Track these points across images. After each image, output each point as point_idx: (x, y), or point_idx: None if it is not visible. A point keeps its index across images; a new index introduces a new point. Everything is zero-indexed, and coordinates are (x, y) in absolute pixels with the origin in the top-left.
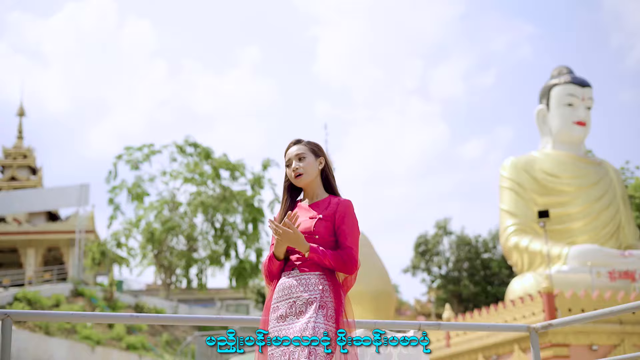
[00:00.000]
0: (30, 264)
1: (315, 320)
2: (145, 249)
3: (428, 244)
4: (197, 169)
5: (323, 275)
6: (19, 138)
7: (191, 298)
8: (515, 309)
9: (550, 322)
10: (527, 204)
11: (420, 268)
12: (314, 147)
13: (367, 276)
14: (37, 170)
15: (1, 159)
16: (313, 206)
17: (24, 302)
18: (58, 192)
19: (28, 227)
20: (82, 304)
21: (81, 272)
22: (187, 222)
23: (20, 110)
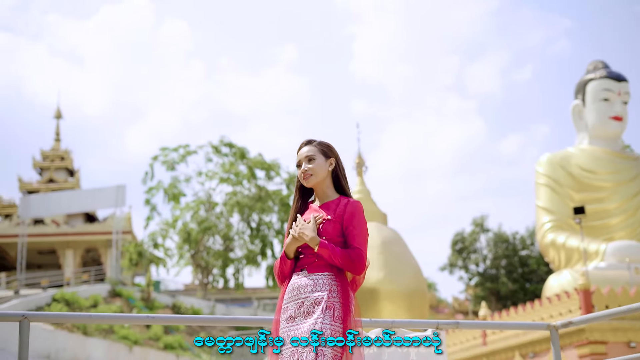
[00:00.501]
0: (69, 265)
1: (322, 321)
2: (182, 249)
3: (465, 241)
4: (233, 169)
5: (331, 275)
6: (57, 140)
7: (228, 298)
8: (551, 306)
9: (571, 320)
10: (563, 200)
11: (458, 266)
12: (325, 148)
13: (400, 275)
14: (74, 172)
15: (39, 162)
16: (323, 207)
17: (62, 303)
18: (95, 194)
19: (66, 228)
20: (120, 304)
21: (119, 273)
22: (224, 222)
23: (57, 113)
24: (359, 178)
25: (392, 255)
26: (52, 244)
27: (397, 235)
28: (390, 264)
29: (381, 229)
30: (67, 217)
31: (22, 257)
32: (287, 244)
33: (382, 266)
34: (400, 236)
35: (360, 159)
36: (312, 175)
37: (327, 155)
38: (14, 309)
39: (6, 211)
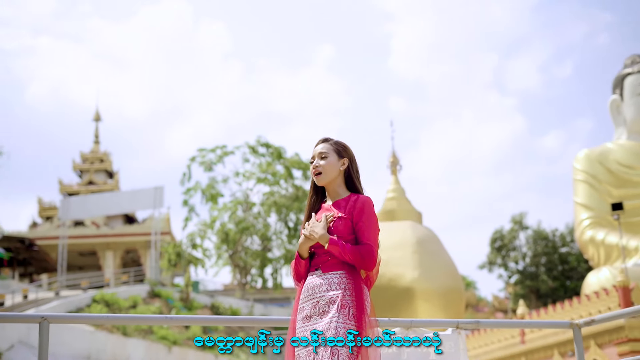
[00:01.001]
0: (109, 266)
1: (337, 320)
2: (220, 250)
3: (504, 239)
4: (270, 169)
5: (345, 273)
6: (96, 143)
7: (266, 297)
8: (590, 304)
9: (593, 318)
10: (601, 196)
11: (497, 264)
12: (340, 148)
13: (436, 273)
14: (113, 174)
15: (79, 164)
16: (334, 205)
17: (102, 304)
18: (133, 195)
19: (106, 230)
20: (159, 305)
21: (158, 274)
22: (261, 222)
23: (96, 116)
24: (394, 177)
25: (427, 254)
26: (93, 246)
27: (432, 233)
28: (425, 262)
29: (416, 227)
30: (106, 218)
31: (62, 258)
32: (300, 244)
33: (417, 265)
34: (435, 234)
35: (395, 158)
36: (322, 173)
37: (341, 155)
38: (54, 310)
39: (47, 213)
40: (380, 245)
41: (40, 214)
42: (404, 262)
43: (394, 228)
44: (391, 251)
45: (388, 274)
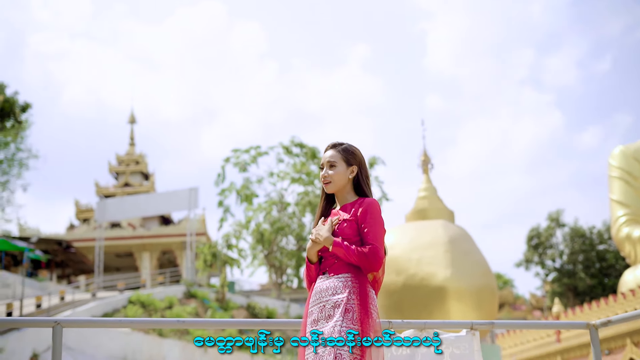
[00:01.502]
0: (146, 267)
1: (341, 324)
2: (255, 250)
3: (540, 236)
4: (304, 169)
5: (350, 276)
6: (131, 145)
7: (302, 297)
8: (626, 302)
9: (610, 318)
10: (637, 193)
11: (534, 262)
12: (349, 155)
13: (468, 272)
14: (149, 176)
15: (115, 166)
16: (342, 209)
17: (138, 305)
18: (169, 197)
19: (142, 231)
20: (195, 305)
21: (194, 274)
22: (296, 222)
23: (131, 118)
24: (425, 176)
25: (459, 253)
26: (129, 247)
27: (465, 232)
28: (458, 261)
29: (448, 226)
30: (143, 220)
31: (99, 260)
32: (308, 249)
33: (449, 264)
34: (467, 233)
35: (426, 157)
36: (331, 182)
37: (350, 163)
38: (91, 311)
39: (84, 216)
40: (412, 245)
41: (78, 216)
42: (436, 261)
43: (425, 227)
44: (423, 250)
45: (420, 274)
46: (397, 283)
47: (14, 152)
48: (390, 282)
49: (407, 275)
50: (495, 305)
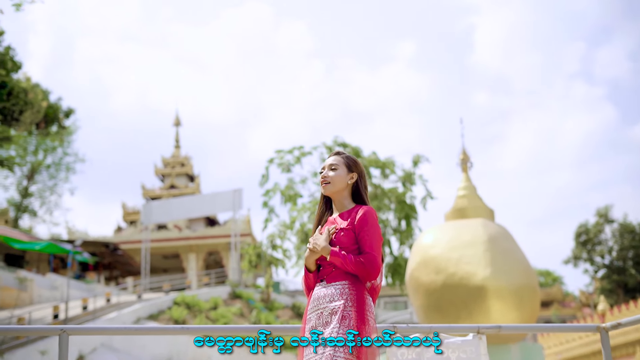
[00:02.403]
0: (192, 268)
1: (337, 332)
2: (300, 250)
3: (589, 233)
4: None
5: (347, 284)
6: (176, 147)
7: None
8: None
9: (619, 321)
10: None
11: (582, 258)
12: (350, 162)
13: (508, 271)
14: (194, 178)
15: (160, 169)
16: (339, 217)
17: (183, 306)
18: (213, 198)
19: (188, 233)
20: (240, 306)
21: (239, 275)
22: None
23: (176, 120)
24: (464, 174)
25: (499, 252)
26: (175, 249)
27: (505, 230)
28: (498, 260)
29: (487, 225)
30: (189, 221)
31: (145, 262)
32: (306, 257)
33: (488, 263)
34: (508, 231)
35: (465, 155)
36: (330, 183)
37: (351, 169)
38: (136, 313)
39: (131, 218)
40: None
41: (125, 219)
42: (475, 260)
43: (464, 226)
44: (462, 249)
45: (459, 273)
46: (437, 282)
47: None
48: (430, 281)
49: (447, 275)
50: (537, 304)
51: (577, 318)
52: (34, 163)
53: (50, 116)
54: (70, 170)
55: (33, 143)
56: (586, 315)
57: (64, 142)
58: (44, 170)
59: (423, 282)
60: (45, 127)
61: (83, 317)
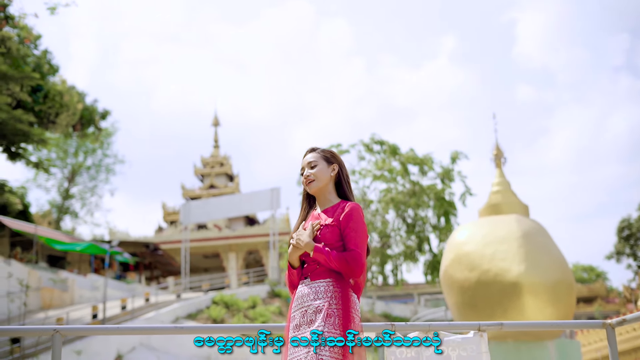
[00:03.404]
0: (232, 267)
1: (322, 329)
2: None
3: (632, 227)
4: (386, 166)
5: (332, 282)
6: (215, 147)
7: (388, 294)
8: None
9: (625, 317)
10: None
11: (625, 253)
12: (328, 155)
13: (543, 267)
14: (233, 177)
15: (200, 169)
16: (323, 212)
17: (221, 305)
18: (251, 197)
19: (227, 232)
20: (278, 304)
21: (278, 274)
22: (379, 219)
23: (215, 120)
24: (498, 170)
25: (534, 247)
26: (215, 248)
27: (539, 226)
28: (532, 256)
29: (522, 220)
30: (228, 221)
31: (185, 261)
32: (289, 253)
33: (523, 259)
34: (543, 227)
35: (499, 150)
36: (314, 180)
37: (330, 162)
38: (175, 313)
39: (171, 218)
40: (485, 240)
41: (165, 219)
42: (510, 256)
43: (498, 222)
44: (496, 245)
45: (494, 269)
46: (471, 279)
47: (101, 158)
48: (464, 278)
49: (481, 271)
50: (573, 301)
51: (621, 314)
52: (75, 165)
53: (86, 118)
54: (110, 172)
55: (73, 145)
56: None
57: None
58: (85, 171)
59: (457, 279)
60: (81, 129)
61: (121, 316)
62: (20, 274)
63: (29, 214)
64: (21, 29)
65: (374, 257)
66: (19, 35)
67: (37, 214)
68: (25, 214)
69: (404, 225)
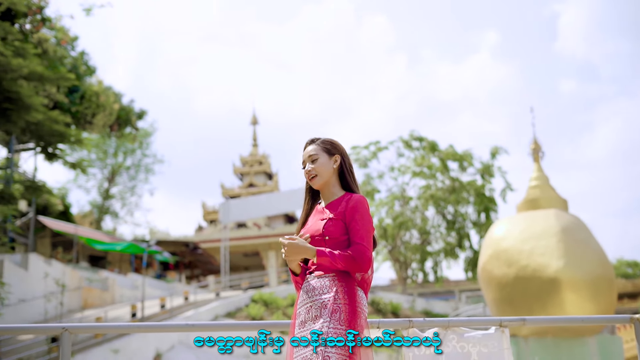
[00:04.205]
0: (272, 265)
1: (328, 325)
2: (379, 245)
3: None
4: (425, 162)
5: (336, 277)
6: (254, 146)
7: (428, 291)
8: None
9: None
10: None
11: None
12: (328, 146)
13: (582, 262)
14: (272, 176)
15: (239, 167)
16: (328, 207)
17: (260, 303)
18: (289, 195)
19: (267, 230)
20: None
21: None
22: (419, 216)
23: (253, 119)
24: (536, 164)
25: (573, 242)
26: (255, 247)
27: (579, 221)
28: (572, 251)
29: (560, 215)
30: (268, 219)
31: (225, 260)
32: (289, 263)
33: (562, 254)
34: (582, 222)
35: (537, 145)
36: (317, 175)
37: (331, 153)
38: (214, 311)
39: (211, 217)
40: (523, 235)
41: (205, 218)
42: (549, 251)
43: (537, 217)
44: (535, 241)
45: (532, 265)
46: (509, 275)
47: (140, 158)
48: (502, 274)
49: (519, 267)
50: (614, 296)
51: None
52: (114, 165)
53: (123, 118)
54: (150, 172)
55: (113, 146)
56: None
57: (142, 144)
58: (124, 172)
59: (495, 275)
60: (118, 129)
61: (160, 315)
62: (60, 274)
63: (70, 214)
64: (58, 30)
65: (414, 253)
66: (56, 37)
67: (78, 214)
68: (66, 214)
69: (444, 221)
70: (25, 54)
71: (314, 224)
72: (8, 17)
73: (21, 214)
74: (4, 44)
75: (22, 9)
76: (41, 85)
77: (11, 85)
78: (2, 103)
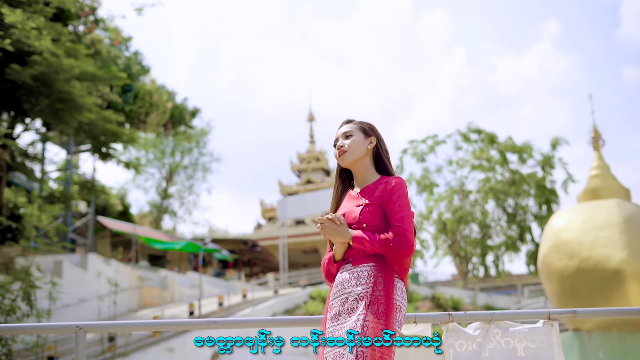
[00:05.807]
0: None
1: (364, 318)
2: (438, 240)
3: None
4: (484, 155)
5: (375, 266)
6: (311, 143)
7: (490, 286)
8: None
9: None
10: None
11: None
12: (365, 127)
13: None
14: (330, 172)
15: (296, 164)
16: (362, 192)
17: (318, 300)
18: None
19: None
20: None
21: None
22: (479, 210)
23: (309, 116)
24: (596, 153)
25: (637, 233)
26: (314, 243)
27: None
28: (635, 242)
29: (623, 205)
30: None
31: (283, 257)
32: (335, 250)
33: (625, 245)
34: None
35: (597, 133)
36: (347, 151)
37: (367, 134)
38: (272, 309)
39: (269, 215)
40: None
41: (263, 216)
42: (611, 242)
43: (598, 207)
44: (596, 232)
45: (594, 257)
46: (570, 268)
47: (197, 157)
48: (563, 267)
49: (581, 259)
50: None
51: None
52: (172, 165)
53: (177, 117)
54: (207, 170)
55: (170, 145)
56: None
57: (199, 143)
58: (182, 171)
59: (556, 268)
60: (172, 128)
61: (218, 313)
62: (119, 273)
63: (129, 214)
64: (111, 31)
65: (474, 248)
66: (109, 37)
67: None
68: (126, 214)
69: (504, 215)
70: (77, 55)
71: (349, 211)
72: (60, 19)
73: (81, 214)
74: (55, 45)
75: (71, 7)
76: (93, 85)
77: (63, 86)
78: (55, 103)
